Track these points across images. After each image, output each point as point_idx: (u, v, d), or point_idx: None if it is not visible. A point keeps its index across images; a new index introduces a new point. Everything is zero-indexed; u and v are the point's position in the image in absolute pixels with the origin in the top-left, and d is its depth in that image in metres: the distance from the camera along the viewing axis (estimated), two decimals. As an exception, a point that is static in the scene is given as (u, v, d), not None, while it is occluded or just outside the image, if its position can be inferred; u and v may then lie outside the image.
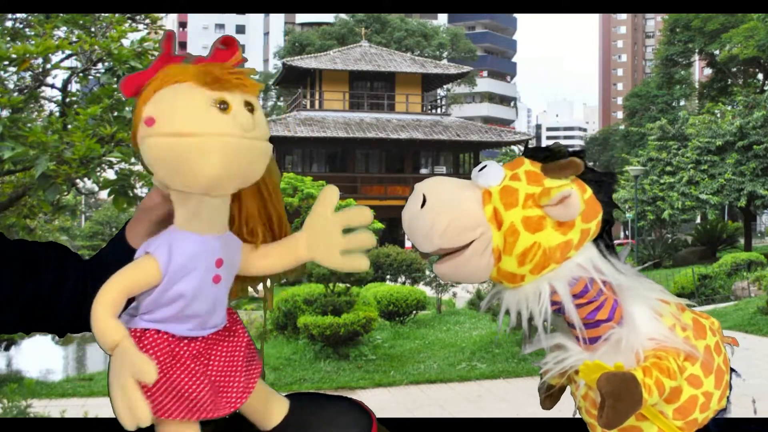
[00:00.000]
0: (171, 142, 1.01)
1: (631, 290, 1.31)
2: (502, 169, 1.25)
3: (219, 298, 1.14)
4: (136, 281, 1.06)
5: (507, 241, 1.21)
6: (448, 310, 16.98)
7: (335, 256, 1.23)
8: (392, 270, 21.03)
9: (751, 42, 30.80)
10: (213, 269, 1.11)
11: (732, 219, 35.55)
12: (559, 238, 1.22)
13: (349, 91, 35.25)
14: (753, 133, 24.77)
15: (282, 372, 10.56)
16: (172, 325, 1.10)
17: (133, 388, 0.99)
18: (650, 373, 1.23)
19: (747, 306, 14.11)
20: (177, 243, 1.08)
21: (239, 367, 1.17)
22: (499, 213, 1.21)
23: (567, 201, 1.19)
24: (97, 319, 1.02)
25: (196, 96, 1.02)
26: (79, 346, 18.48)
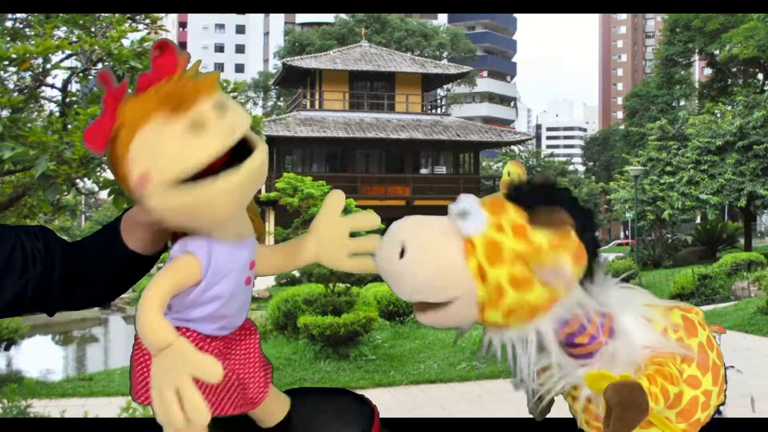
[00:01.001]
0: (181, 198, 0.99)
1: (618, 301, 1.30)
2: (484, 214, 1.18)
3: (247, 299, 1.15)
4: (180, 280, 1.05)
5: (492, 297, 1.16)
6: (448, 310, 16.98)
7: (343, 258, 1.24)
8: (392, 270, 21.00)
9: (751, 42, 30.79)
10: (246, 271, 1.12)
11: (732, 219, 35.55)
12: (546, 294, 1.19)
13: (349, 91, 35.24)
14: (753, 133, 24.77)
15: (282, 372, 10.56)
16: (202, 324, 1.10)
17: (192, 388, 0.98)
18: (655, 381, 1.23)
19: (747, 306, 14.11)
20: (216, 246, 1.08)
21: (257, 364, 1.19)
22: (484, 268, 1.15)
23: (560, 272, 1.16)
24: (146, 319, 1.01)
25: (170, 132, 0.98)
26: (79, 346, 18.47)
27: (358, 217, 1.26)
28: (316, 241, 1.24)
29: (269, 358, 1.25)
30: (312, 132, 31.80)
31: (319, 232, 1.24)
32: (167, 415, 0.99)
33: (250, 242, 1.14)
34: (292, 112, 34.34)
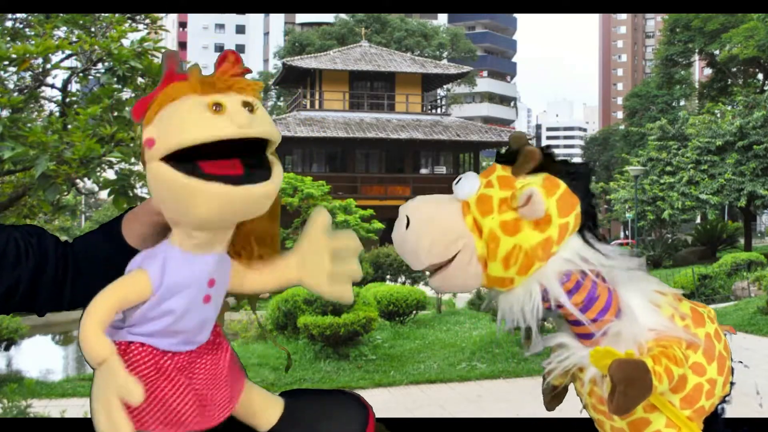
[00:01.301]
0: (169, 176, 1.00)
1: (627, 282, 1.32)
2: (478, 178, 1.29)
3: (207, 316, 1.14)
4: (126, 296, 1.06)
5: (489, 247, 1.25)
6: (448, 310, 16.98)
7: (323, 280, 1.23)
8: (392, 270, 21.04)
9: (751, 42, 30.78)
10: (204, 289, 1.11)
11: (732, 219, 35.54)
12: (537, 237, 1.25)
13: (349, 91, 35.24)
14: (753, 133, 24.76)
15: (282, 372, 10.55)
16: (158, 339, 1.10)
17: (116, 407, 1.00)
18: (659, 361, 1.24)
19: (747, 306, 14.11)
20: (170, 261, 1.07)
21: (223, 380, 1.17)
22: (478, 221, 1.25)
23: (531, 200, 1.22)
24: (86, 333, 1.02)
25: (191, 104, 1.02)
26: (79, 346, 18.45)
27: (341, 239, 1.24)
28: (299, 263, 1.23)
29: (269, 358, 1.25)
30: (312, 132, 31.79)
31: (303, 254, 1.23)
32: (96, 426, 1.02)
33: (215, 259, 1.11)
34: (292, 112, 34.34)
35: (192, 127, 1.00)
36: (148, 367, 1.08)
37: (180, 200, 1.02)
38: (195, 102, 1.02)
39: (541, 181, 1.25)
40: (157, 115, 1.04)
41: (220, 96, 1.02)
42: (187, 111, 1.01)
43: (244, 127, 1.01)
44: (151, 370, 1.08)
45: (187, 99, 1.03)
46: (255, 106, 1.04)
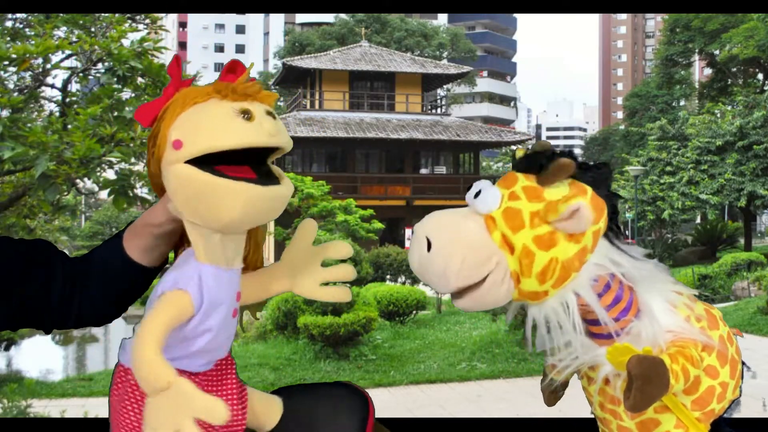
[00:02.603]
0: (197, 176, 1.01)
1: (646, 283, 1.30)
2: (498, 190, 1.21)
3: (233, 331, 1.15)
4: (174, 317, 1.04)
5: (523, 263, 1.18)
6: (448, 310, 16.98)
7: (315, 288, 1.24)
8: (392, 270, 21.03)
9: (751, 42, 30.78)
10: (234, 303, 1.12)
11: (732, 219, 35.53)
12: (574, 248, 1.20)
13: (349, 91, 35.24)
14: (753, 133, 24.76)
15: (282, 372, 10.56)
16: (185, 360, 1.09)
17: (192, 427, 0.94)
18: (677, 360, 1.23)
19: (747, 306, 14.11)
20: (206, 279, 1.07)
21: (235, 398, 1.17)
22: (508, 237, 1.18)
23: (577, 214, 1.17)
24: (145, 358, 0.97)
25: (220, 109, 1.03)
26: (79, 346, 18.47)
27: (329, 247, 1.26)
28: (287, 271, 1.24)
29: (269, 358, 1.25)
30: (312, 132, 31.79)
31: (291, 262, 1.24)
32: None
33: (236, 272, 1.12)
34: (292, 112, 34.33)
35: (226, 133, 1.01)
36: None
37: (206, 200, 1.02)
38: (225, 108, 1.03)
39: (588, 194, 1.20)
40: (179, 117, 1.05)
41: (247, 104, 1.04)
42: (219, 116, 1.03)
43: (274, 136, 1.04)
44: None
45: (214, 104, 1.04)
46: (275, 116, 1.07)
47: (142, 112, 1.09)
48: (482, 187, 1.23)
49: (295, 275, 1.24)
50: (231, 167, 1.03)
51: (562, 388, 1.44)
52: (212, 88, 1.06)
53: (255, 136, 1.02)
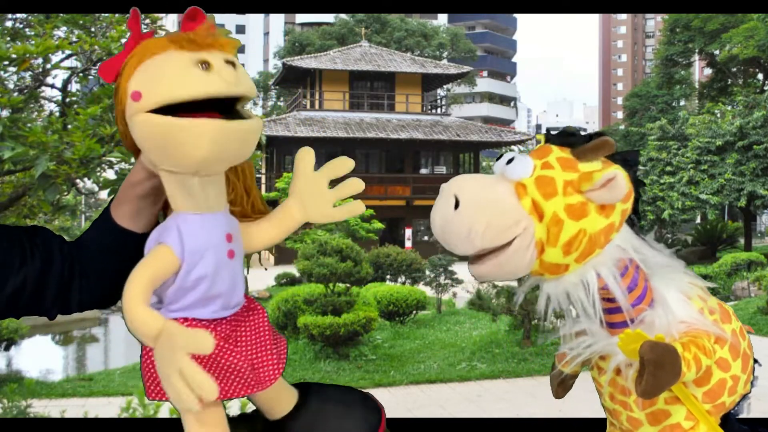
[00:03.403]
0: (159, 121, 1.01)
1: (662, 273, 1.30)
2: (531, 159, 1.20)
3: (237, 273, 1.14)
4: (157, 271, 1.06)
5: (551, 231, 1.17)
6: (448, 310, 16.97)
7: (329, 210, 1.24)
8: (392, 270, 21.02)
9: (751, 42, 30.78)
10: (225, 245, 1.12)
11: (732, 219, 35.53)
12: (603, 222, 1.19)
13: (349, 91, 35.24)
14: (753, 133, 24.76)
15: (283, 372, 10.54)
16: (198, 310, 1.10)
17: (191, 365, 0.97)
18: (689, 348, 1.23)
19: (747, 306, 14.12)
20: (185, 226, 1.08)
21: (268, 343, 1.18)
22: (539, 204, 1.17)
23: (612, 183, 1.16)
24: (133, 312, 1.01)
25: (178, 60, 1.03)
26: (79, 346, 18.46)
27: (332, 165, 1.25)
28: (299, 203, 1.24)
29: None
30: (312, 132, 31.78)
31: (299, 192, 1.24)
32: (180, 399, 0.98)
33: (223, 215, 1.12)
34: (292, 112, 34.33)
35: (184, 84, 1.01)
36: None
37: (173, 142, 1.02)
38: (182, 59, 1.02)
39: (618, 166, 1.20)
40: (137, 69, 1.04)
41: (206, 54, 1.03)
42: (176, 67, 1.02)
43: (233, 85, 1.03)
44: None
45: (171, 54, 1.03)
46: (236, 64, 1.06)
47: (104, 68, 1.09)
48: (515, 155, 1.22)
49: (305, 204, 1.24)
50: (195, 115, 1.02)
51: (571, 379, 1.44)
52: (169, 39, 1.05)
53: (213, 85, 1.01)
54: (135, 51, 1.06)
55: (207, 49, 1.04)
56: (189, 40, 1.04)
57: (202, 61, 1.02)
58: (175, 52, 1.03)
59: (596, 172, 1.17)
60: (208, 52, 1.04)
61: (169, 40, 1.05)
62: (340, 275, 11.18)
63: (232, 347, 1.12)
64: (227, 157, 1.08)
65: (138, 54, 1.06)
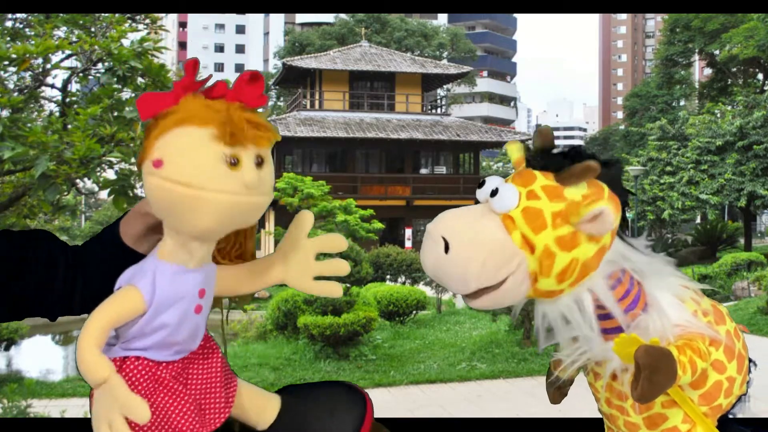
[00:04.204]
0: (171, 188, 1.01)
1: (655, 277, 1.30)
2: (515, 188, 1.18)
3: (199, 326, 1.14)
4: (120, 314, 1.05)
5: (543, 264, 1.16)
6: (448, 310, 16.98)
7: (308, 281, 1.23)
8: (392, 270, 21.03)
9: (751, 42, 30.78)
10: (196, 299, 1.11)
11: (732, 219, 35.54)
12: (594, 248, 1.19)
13: (349, 91, 35.23)
14: (753, 133, 24.76)
15: (282, 372, 10.56)
16: (153, 352, 1.10)
17: (121, 425, 0.99)
18: (684, 352, 1.23)
19: (747, 306, 14.12)
20: (161, 276, 1.07)
21: (218, 384, 1.17)
22: (529, 238, 1.15)
23: (600, 218, 1.15)
24: (84, 354, 1.01)
25: (209, 150, 1.01)
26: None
27: (324, 240, 1.25)
28: (282, 262, 1.24)
29: (269, 358, 1.25)
30: (312, 132, 31.79)
31: (285, 253, 1.24)
32: None
33: (203, 270, 1.12)
34: (292, 112, 34.33)
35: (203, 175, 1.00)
36: (146, 379, 1.08)
37: (182, 211, 1.02)
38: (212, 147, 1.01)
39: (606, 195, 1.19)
40: (165, 136, 1.03)
41: (239, 148, 1.02)
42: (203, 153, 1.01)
43: (252, 188, 1.03)
44: (150, 381, 1.09)
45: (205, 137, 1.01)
46: (265, 161, 1.06)
47: (144, 102, 1.06)
48: (498, 185, 1.19)
49: (288, 267, 1.23)
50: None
51: (567, 385, 1.43)
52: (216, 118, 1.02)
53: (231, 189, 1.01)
54: (178, 108, 1.03)
55: (243, 143, 1.02)
56: (231, 131, 1.01)
57: (232, 157, 1.01)
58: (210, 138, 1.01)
59: (583, 206, 1.15)
60: (243, 147, 1.02)
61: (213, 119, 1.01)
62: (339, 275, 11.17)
63: (180, 387, 1.12)
64: (230, 229, 1.10)
65: (179, 115, 1.03)
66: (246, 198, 1.03)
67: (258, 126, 1.05)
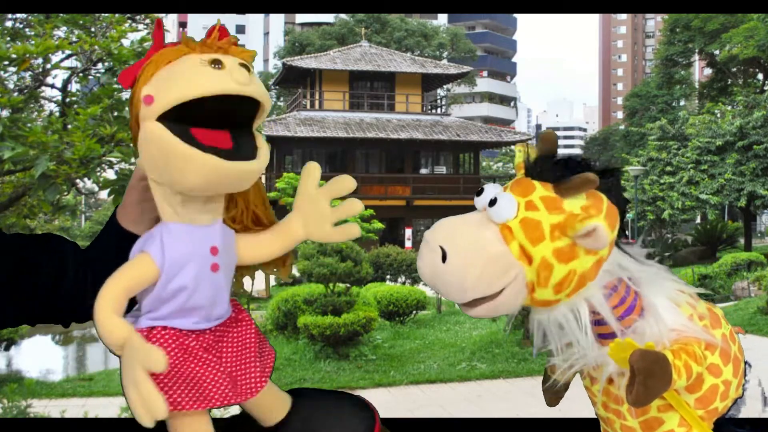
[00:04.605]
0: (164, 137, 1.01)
1: (650, 281, 1.30)
2: (514, 198, 1.18)
3: (220, 287, 1.13)
4: (133, 278, 1.06)
5: (541, 275, 1.16)
6: (448, 310, 16.98)
7: (328, 229, 1.24)
8: (392, 270, 21.04)
9: (751, 42, 30.78)
10: (209, 257, 1.11)
11: (732, 219, 35.54)
12: (592, 260, 1.19)
13: (349, 91, 35.24)
14: (753, 133, 24.76)
15: (282, 372, 10.56)
16: (177, 320, 1.10)
17: (145, 381, 0.98)
18: (679, 355, 1.23)
19: (747, 306, 14.12)
20: (168, 236, 1.08)
21: (252, 355, 1.18)
22: (527, 249, 1.15)
23: (594, 234, 1.14)
24: (101, 320, 1.02)
25: (190, 61, 1.03)
26: (79, 346, 18.46)
27: (333, 185, 1.25)
28: (300, 218, 1.24)
29: (269, 358, 1.24)
30: (312, 132, 31.79)
31: (301, 208, 1.24)
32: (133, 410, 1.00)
33: (213, 227, 1.12)
34: (292, 112, 34.33)
35: (193, 82, 1.00)
36: (174, 348, 1.08)
37: (171, 165, 1.02)
38: (194, 59, 1.03)
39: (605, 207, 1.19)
40: (154, 76, 1.05)
41: (220, 56, 1.04)
42: (188, 68, 1.03)
43: (244, 84, 1.02)
44: (177, 350, 1.08)
45: (186, 58, 1.04)
46: (250, 68, 1.05)
47: (123, 74, 1.10)
48: (496, 194, 1.19)
49: (306, 220, 1.24)
50: (208, 132, 1.02)
51: (564, 389, 1.44)
52: (185, 43, 1.06)
53: (223, 83, 1.00)
54: (153, 58, 1.07)
55: (221, 52, 1.05)
56: (203, 43, 1.05)
57: (214, 61, 1.02)
58: (189, 55, 1.04)
59: (578, 221, 1.15)
60: (222, 55, 1.04)
61: (185, 45, 1.06)
62: (340, 275, 11.18)
63: (212, 358, 1.11)
64: (218, 191, 1.10)
65: (155, 61, 1.06)
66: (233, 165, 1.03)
67: (234, 43, 1.07)
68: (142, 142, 1.05)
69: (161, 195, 1.09)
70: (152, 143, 1.03)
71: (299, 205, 1.24)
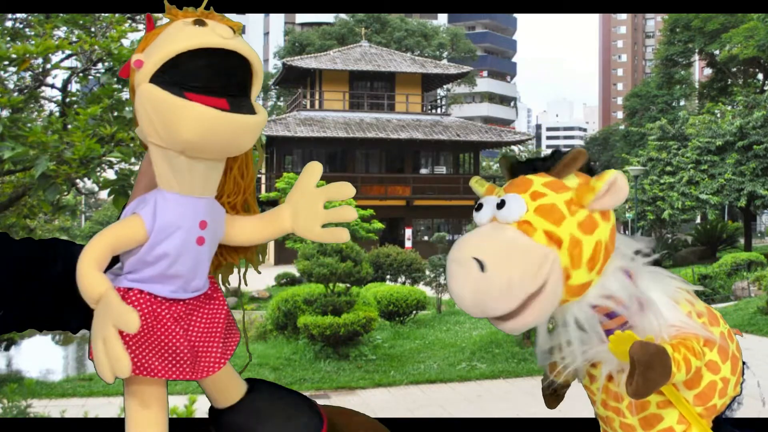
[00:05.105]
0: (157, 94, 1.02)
1: (650, 278, 1.31)
2: (518, 195, 1.20)
3: (201, 260, 1.16)
4: (121, 237, 1.08)
5: (573, 255, 1.18)
6: (448, 310, 16.97)
7: (316, 229, 1.26)
8: (392, 270, 21.01)
9: (751, 42, 30.77)
10: (197, 230, 1.13)
11: (732, 219, 35.53)
12: (609, 227, 1.22)
13: (349, 91, 35.23)
14: (753, 133, 24.75)
15: (282, 372, 10.55)
16: (156, 285, 1.11)
17: (114, 338, 1.00)
18: (679, 349, 1.24)
19: (747, 306, 14.11)
20: (162, 202, 1.10)
21: (218, 334, 1.19)
22: (553, 233, 1.17)
23: (615, 186, 1.17)
24: (82, 271, 1.04)
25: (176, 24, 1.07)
26: (79, 346, 18.46)
27: (332, 188, 1.27)
28: (291, 211, 1.26)
29: (269, 358, 1.25)
30: (312, 132, 31.78)
31: (294, 202, 1.26)
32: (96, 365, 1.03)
33: (205, 201, 1.14)
34: (292, 112, 34.32)
35: (177, 39, 1.03)
36: (145, 313, 1.10)
37: (165, 119, 1.04)
38: (179, 23, 1.07)
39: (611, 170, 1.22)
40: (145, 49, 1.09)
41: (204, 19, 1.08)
42: (172, 29, 1.06)
43: (227, 38, 1.04)
44: (149, 316, 1.10)
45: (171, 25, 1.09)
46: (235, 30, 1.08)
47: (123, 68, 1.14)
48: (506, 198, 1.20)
49: (297, 214, 1.26)
50: (203, 97, 1.02)
51: (562, 389, 1.44)
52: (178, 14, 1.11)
53: (206, 36, 1.03)
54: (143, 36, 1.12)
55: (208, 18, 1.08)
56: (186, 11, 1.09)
57: (197, 21, 1.05)
58: (176, 21, 1.08)
59: (597, 181, 1.17)
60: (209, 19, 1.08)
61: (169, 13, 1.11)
62: (340, 275, 11.18)
63: (180, 330, 1.12)
64: (215, 147, 1.09)
65: (145, 38, 1.10)
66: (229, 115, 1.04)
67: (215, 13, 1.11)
68: (138, 106, 1.07)
69: (162, 158, 1.09)
70: (146, 102, 1.05)
71: (293, 198, 1.26)
